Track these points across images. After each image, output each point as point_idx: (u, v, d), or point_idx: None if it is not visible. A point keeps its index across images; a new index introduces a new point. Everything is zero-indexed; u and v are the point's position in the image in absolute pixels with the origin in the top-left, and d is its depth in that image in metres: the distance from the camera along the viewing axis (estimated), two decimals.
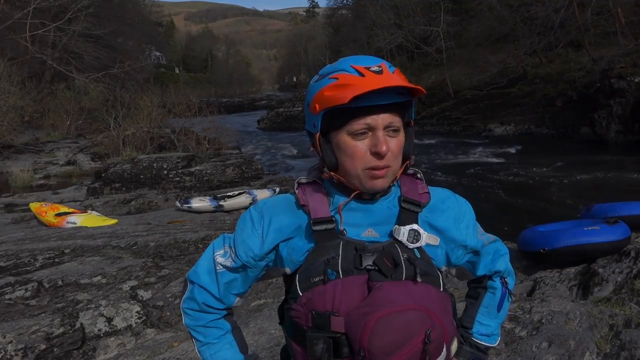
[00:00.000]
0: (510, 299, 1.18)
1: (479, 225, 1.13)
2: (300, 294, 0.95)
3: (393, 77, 0.93)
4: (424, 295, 0.90)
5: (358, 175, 0.96)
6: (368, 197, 1.00)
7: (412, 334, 0.85)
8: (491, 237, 1.16)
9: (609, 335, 2.65)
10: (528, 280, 4.58)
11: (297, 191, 1.05)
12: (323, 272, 0.93)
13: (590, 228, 4.55)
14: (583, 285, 4.12)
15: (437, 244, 1.00)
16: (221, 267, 1.07)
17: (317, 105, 0.96)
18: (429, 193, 1.05)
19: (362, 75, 0.92)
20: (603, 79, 17.44)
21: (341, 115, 0.95)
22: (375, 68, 0.93)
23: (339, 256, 0.94)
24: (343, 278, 0.92)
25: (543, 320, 2.81)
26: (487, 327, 1.17)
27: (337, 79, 0.94)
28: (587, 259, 4.50)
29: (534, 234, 4.95)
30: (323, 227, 0.98)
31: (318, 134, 1.00)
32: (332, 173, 1.01)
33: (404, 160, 1.03)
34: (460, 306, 1.23)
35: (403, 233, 0.96)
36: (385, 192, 1.02)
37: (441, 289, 0.96)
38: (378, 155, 0.93)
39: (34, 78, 22.92)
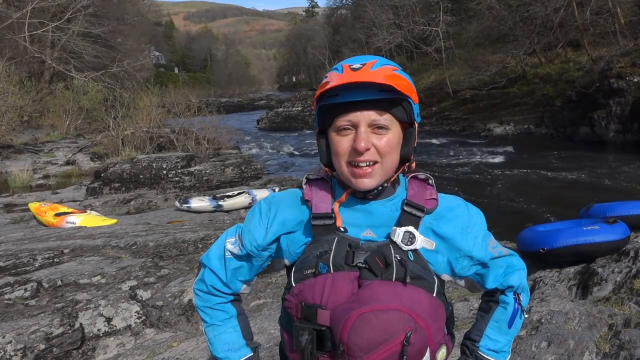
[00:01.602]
0: (523, 316, 1.14)
1: (491, 237, 1.10)
2: (294, 285, 0.98)
3: (368, 74, 0.93)
4: (412, 298, 0.90)
5: (344, 172, 0.98)
6: (361, 195, 1.01)
7: (391, 334, 0.86)
8: (505, 250, 1.12)
9: (608, 334, 2.65)
10: (527, 280, 4.57)
11: (304, 187, 1.08)
12: (315, 266, 0.94)
13: (589, 228, 4.54)
14: (582, 285, 4.12)
15: (433, 248, 0.99)
16: (229, 253, 1.12)
17: (314, 103, 1.03)
18: (436, 199, 1.04)
19: (341, 72, 0.95)
20: (602, 78, 17.46)
21: (331, 112, 0.98)
22: (356, 65, 0.95)
23: (331, 251, 0.95)
24: (333, 273, 0.93)
25: (542, 320, 2.81)
26: (496, 342, 1.13)
27: (326, 77, 0.99)
28: (587, 258, 4.49)
29: (533, 234, 4.95)
30: (321, 222, 1.00)
31: (317, 130, 1.04)
32: (327, 169, 1.04)
33: (403, 162, 1.03)
34: (460, 306, 1.22)
35: (398, 234, 0.96)
36: (386, 193, 1.03)
37: (434, 295, 0.95)
38: (356, 151, 0.94)
39: (33, 78, 22.90)
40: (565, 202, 10.50)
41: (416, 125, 1.03)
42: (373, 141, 0.95)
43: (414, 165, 1.06)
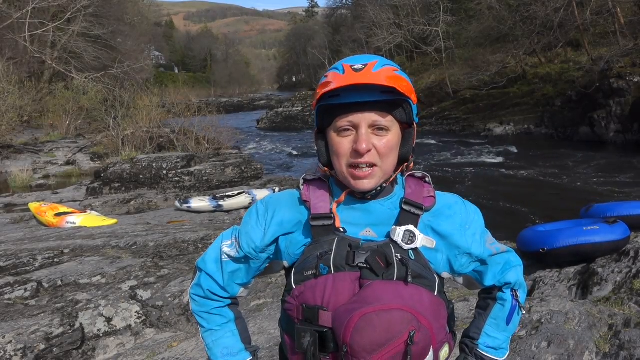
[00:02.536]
0: (520, 312, 1.14)
1: (489, 234, 1.10)
2: (294, 286, 0.97)
3: (370, 75, 0.92)
4: (414, 297, 0.90)
5: (343, 173, 0.98)
6: (360, 195, 1.00)
7: (395, 333, 0.85)
8: (503, 247, 1.12)
9: (608, 334, 2.65)
10: (527, 280, 4.58)
11: (302, 187, 1.07)
12: (315, 267, 0.94)
13: (589, 228, 4.54)
14: (582, 285, 4.12)
15: (433, 246, 0.99)
16: (226, 256, 1.10)
17: (314, 102, 1.01)
18: (434, 197, 1.04)
19: (342, 72, 0.94)
20: (602, 78, 17.47)
21: (331, 112, 0.97)
22: (357, 66, 0.94)
23: (332, 252, 0.94)
24: (334, 274, 0.92)
25: (542, 320, 2.81)
26: (495, 339, 1.14)
27: (326, 77, 0.98)
28: (587, 258, 4.49)
29: (533, 234, 4.94)
30: (321, 222, 0.99)
31: (316, 130, 1.04)
32: (325, 169, 1.03)
33: (401, 162, 1.02)
34: (460, 306, 1.22)
35: (398, 233, 0.96)
36: (384, 193, 1.02)
37: (435, 293, 0.95)
38: (357, 152, 0.94)
39: (33, 78, 22.89)
40: (565, 202, 10.50)
41: (415, 125, 1.03)
42: (373, 142, 0.95)
43: (412, 165, 1.06)
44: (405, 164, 1.04)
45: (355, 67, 0.94)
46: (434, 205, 1.03)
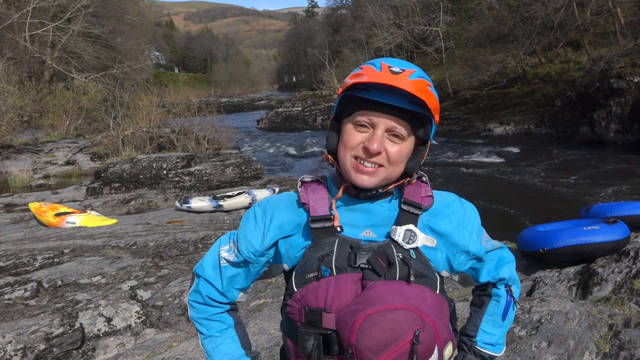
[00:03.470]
0: (515, 307, 1.16)
1: (484, 231, 1.11)
2: (295, 289, 0.96)
3: (406, 82, 0.92)
4: (417, 296, 0.90)
5: (346, 164, 0.98)
6: (354, 192, 1.00)
7: (400, 333, 0.85)
8: (496, 243, 1.13)
9: (608, 334, 2.65)
10: (527, 280, 4.58)
11: (299, 189, 1.07)
12: (317, 269, 0.93)
13: (589, 228, 4.55)
14: (582, 285, 4.12)
15: (434, 245, 0.99)
16: (225, 261, 1.09)
17: (340, 89, 1.02)
18: (432, 197, 1.04)
19: (379, 70, 0.94)
20: (602, 79, 17.47)
21: (354, 104, 0.98)
22: (396, 69, 0.94)
23: (333, 253, 0.94)
24: (336, 275, 0.92)
25: (542, 320, 2.81)
26: (492, 336, 1.15)
27: (361, 69, 0.98)
28: (587, 258, 4.50)
29: (533, 234, 4.95)
30: (320, 224, 0.99)
31: (333, 116, 1.04)
32: (329, 156, 1.03)
33: (406, 175, 1.02)
34: (460, 306, 1.22)
35: (399, 233, 0.96)
36: (383, 196, 1.03)
37: (437, 292, 0.95)
38: (367, 150, 0.94)
39: (33, 78, 22.89)
40: (566, 202, 10.51)
41: (429, 144, 1.03)
42: (386, 146, 0.95)
43: (414, 182, 1.05)
44: (407, 179, 1.03)
45: (394, 69, 0.94)
46: (432, 204, 1.03)
